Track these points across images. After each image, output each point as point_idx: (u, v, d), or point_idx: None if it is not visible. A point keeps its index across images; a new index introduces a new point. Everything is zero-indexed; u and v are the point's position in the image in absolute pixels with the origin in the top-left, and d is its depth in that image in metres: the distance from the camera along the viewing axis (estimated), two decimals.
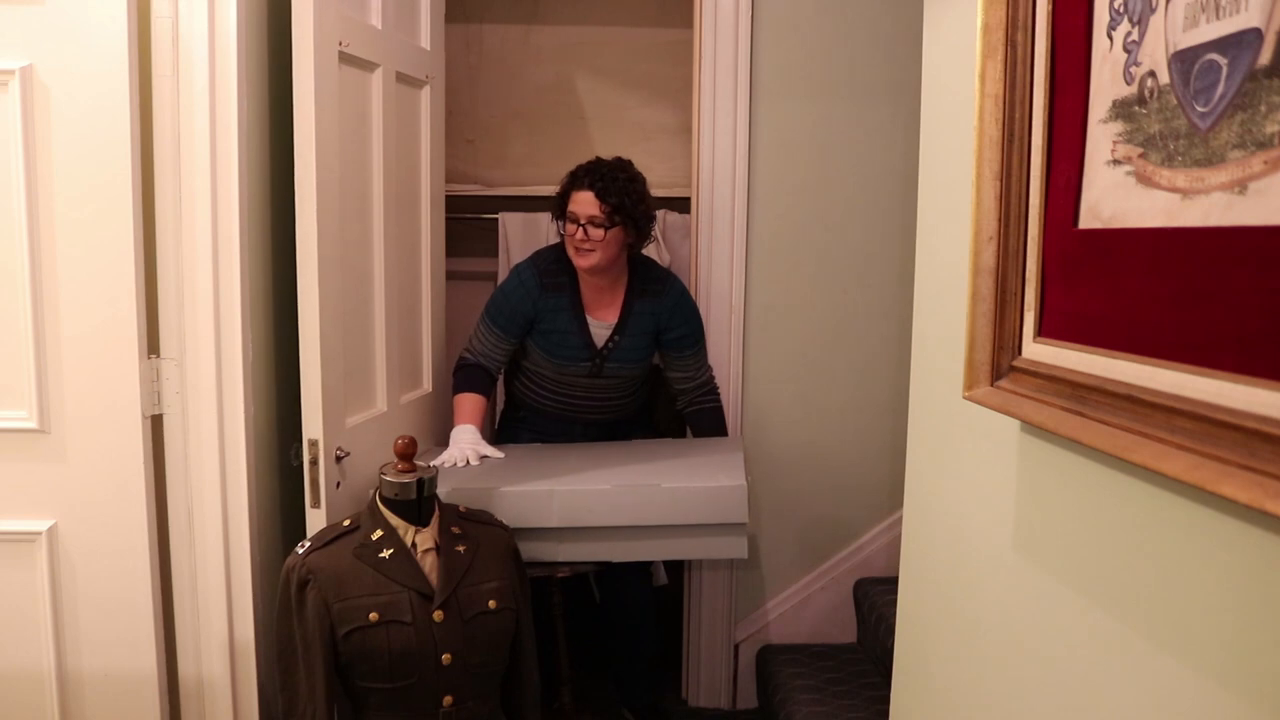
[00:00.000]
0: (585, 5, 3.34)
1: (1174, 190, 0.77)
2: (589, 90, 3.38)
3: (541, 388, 2.56)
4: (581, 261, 2.38)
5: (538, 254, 2.57)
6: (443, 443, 2.51)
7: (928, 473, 1.43)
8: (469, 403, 2.44)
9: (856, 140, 2.62)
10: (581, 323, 2.46)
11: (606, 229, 2.35)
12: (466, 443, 2.31)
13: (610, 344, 2.48)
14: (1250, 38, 0.67)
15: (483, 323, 2.50)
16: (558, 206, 2.43)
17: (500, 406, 2.86)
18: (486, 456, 2.30)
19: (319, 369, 1.91)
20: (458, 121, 3.28)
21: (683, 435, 2.69)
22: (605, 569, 2.43)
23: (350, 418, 2.08)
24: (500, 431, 2.76)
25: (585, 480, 2.11)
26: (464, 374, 2.48)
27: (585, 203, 2.35)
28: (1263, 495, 0.63)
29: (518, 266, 2.56)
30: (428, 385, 2.54)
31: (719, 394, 2.61)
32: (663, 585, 2.60)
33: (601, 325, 2.48)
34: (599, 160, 2.44)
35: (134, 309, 1.78)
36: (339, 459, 1.99)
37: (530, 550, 2.07)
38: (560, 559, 2.12)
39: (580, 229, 2.34)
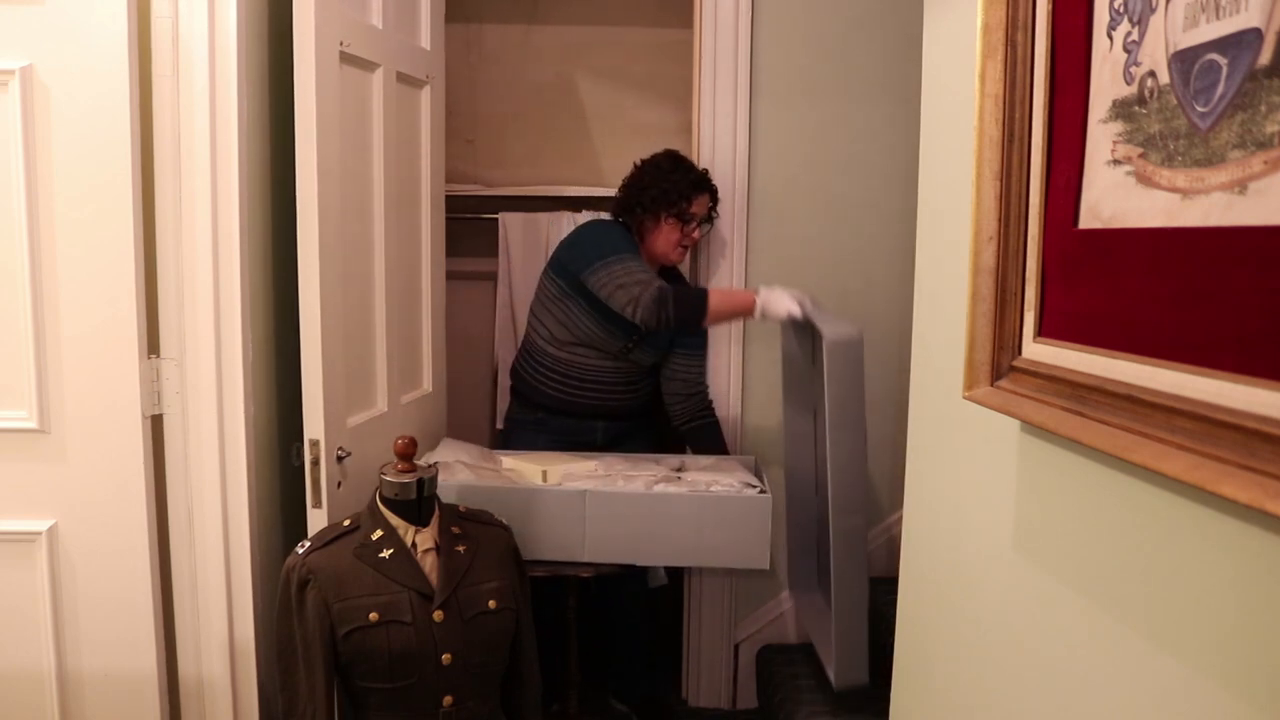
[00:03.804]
0: (585, 5, 3.34)
1: (1174, 190, 0.77)
2: (589, 90, 3.38)
3: (568, 376, 2.53)
4: (681, 258, 2.53)
5: (606, 220, 2.60)
6: (441, 444, 2.51)
7: (928, 473, 1.43)
8: (721, 290, 2.44)
9: (856, 140, 2.62)
10: None
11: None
12: (783, 292, 2.26)
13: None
14: (1250, 38, 0.67)
15: (622, 262, 2.35)
16: (671, 205, 2.44)
17: (503, 407, 2.84)
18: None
19: (320, 369, 1.91)
20: (458, 121, 3.28)
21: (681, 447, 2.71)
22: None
23: (351, 418, 2.08)
24: (509, 436, 2.68)
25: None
26: (677, 292, 2.30)
27: (704, 204, 2.50)
28: (1263, 495, 0.63)
29: (601, 225, 2.55)
30: (428, 385, 2.54)
31: (714, 410, 2.65)
32: (663, 585, 2.60)
33: None
34: (688, 158, 2.52)
35: (134, 309, 1.78)
36: (340, 459, 1.99)
37: (556, 550, 2.13)
38: (585, 559, 2.16)
39: (698, 227, 2.50)
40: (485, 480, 2.20)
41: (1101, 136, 0.88)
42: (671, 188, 2.44)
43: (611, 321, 2.44)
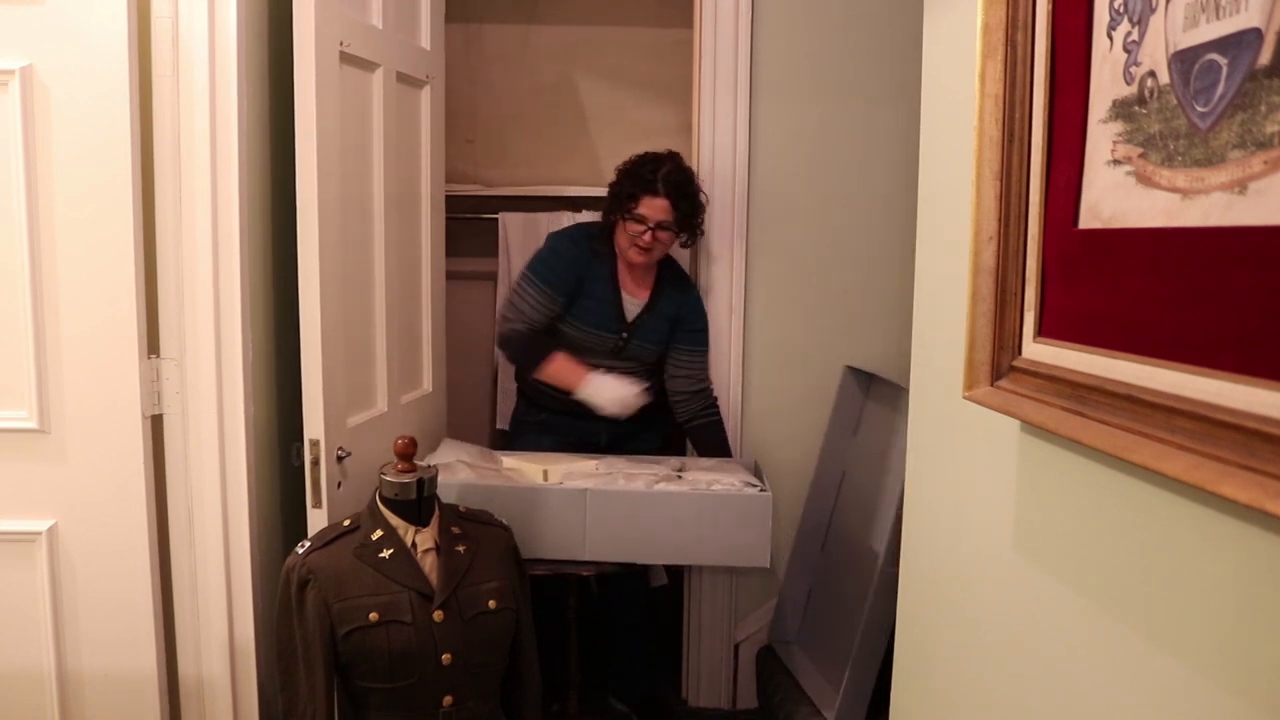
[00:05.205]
0: (585, 5, 3.34)
1: (1174, 190, 0.77)
2: (589, 90, 3.38)
3: None
4: (639, 259, 2.45)
5: (582, 225, 2.65)
6: (441, 444, 2.51)
7: (928, 473, 1.43)
8: (566, 360, 2.46)
9: (856, 140, 2.62)
10: (616, 294, 2.52)
11: (673, 233, 2.44)
12: (616, 383, 2.42)
13: (639, 320, 2.52)
14: (1250, 38, 0.67)
15: (527, 285, 2.46)
16: (620, 205, 2.43)
17: (510, 408, 2.84)
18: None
19: (320, 369, 1.91)
20: (458, 121, 3.28)
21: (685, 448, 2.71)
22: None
23: (351, 418, 2.08)
24: (515, 437, 2.69)
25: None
26: (531, 340, 2.45)
27: (659, 209, 2.39)
28: (1263, 495, 0.63)
29: (562, 234, 2.60)
30: (428, 385, 2.54)
31: (719, 407, 2.64)
32: (663, 585, 2.60)
33: (633, 301, 2.53)
34: (665, 161, 2.44)
35: (134, 309, 1.78)
36: (340, 459, 1.99)
37: (557, 549, 2.14)
38: (586, 558, 2.16)
39: (650, 233, 2.40)
40: (486, 480, 2.20)
41: (1101, 136, 0.88)
42: (624, 185, 2.43)
43: (591, 325, 2.47)
